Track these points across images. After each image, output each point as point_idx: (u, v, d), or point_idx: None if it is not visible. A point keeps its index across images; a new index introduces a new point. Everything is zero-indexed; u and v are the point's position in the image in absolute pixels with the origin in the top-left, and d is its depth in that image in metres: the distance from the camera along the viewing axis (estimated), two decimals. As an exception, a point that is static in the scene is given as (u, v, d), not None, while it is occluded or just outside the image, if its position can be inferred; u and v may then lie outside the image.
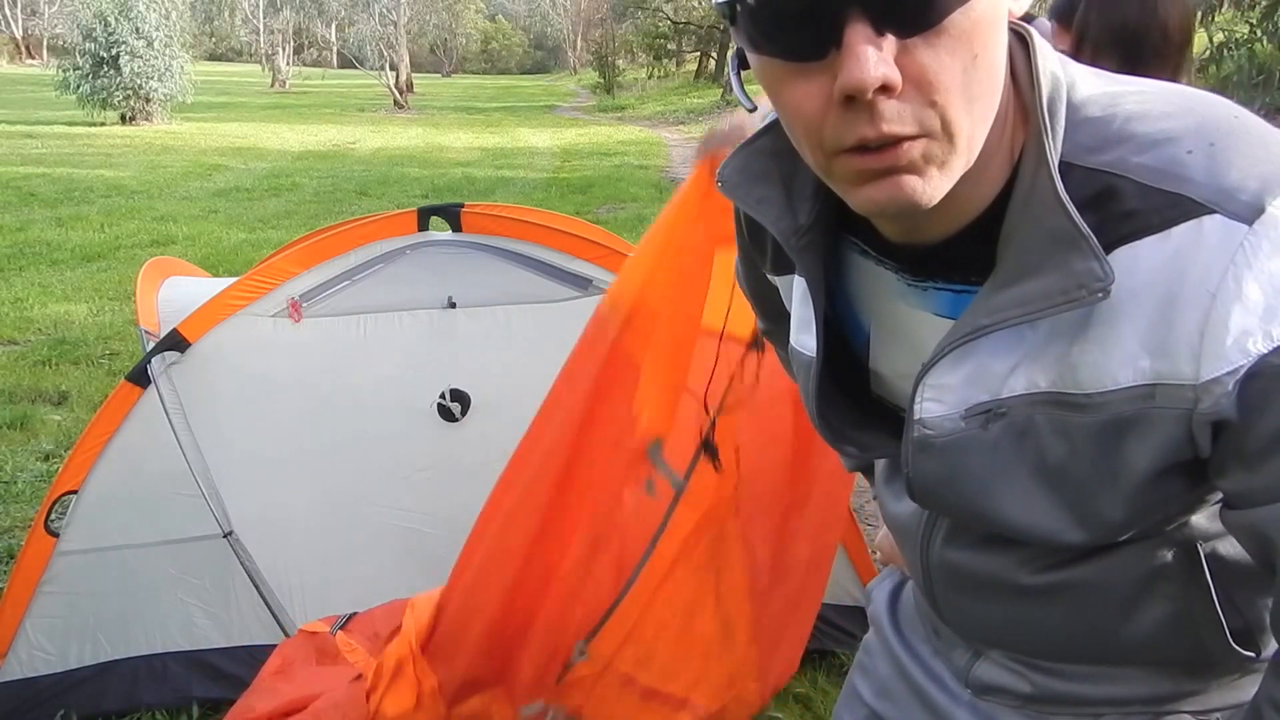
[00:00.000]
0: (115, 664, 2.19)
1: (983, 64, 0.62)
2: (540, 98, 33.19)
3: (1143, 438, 0.67)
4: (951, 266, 0.73)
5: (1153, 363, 0.65)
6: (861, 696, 1.07)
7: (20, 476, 3.47)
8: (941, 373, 0.72)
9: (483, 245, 2.31)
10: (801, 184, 0.77)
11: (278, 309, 2.24)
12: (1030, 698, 0.89)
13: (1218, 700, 0.84)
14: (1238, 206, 0.62)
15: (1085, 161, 0.66)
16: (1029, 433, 0.71)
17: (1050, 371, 0.69)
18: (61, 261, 7.10)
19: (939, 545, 0.86)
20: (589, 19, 40.94)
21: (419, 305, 2.30)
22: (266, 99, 28.93)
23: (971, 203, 0.70)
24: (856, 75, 0.59)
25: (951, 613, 0.90)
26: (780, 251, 0.87)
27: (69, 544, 2.15)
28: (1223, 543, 0.78)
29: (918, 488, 0.78)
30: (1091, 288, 0.63)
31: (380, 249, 2.28)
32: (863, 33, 0.59)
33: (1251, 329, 0.61)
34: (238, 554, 2.16)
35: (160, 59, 17.99)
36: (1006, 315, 0.67)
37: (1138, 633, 0.80)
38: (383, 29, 29.58)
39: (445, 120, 21.61)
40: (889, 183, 0.64)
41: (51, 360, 4.79)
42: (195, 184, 11.20)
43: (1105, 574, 0.78)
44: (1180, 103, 0.68)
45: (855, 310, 0.83)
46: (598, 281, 2.33)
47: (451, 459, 2.29)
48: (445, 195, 9.95)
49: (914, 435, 0.75)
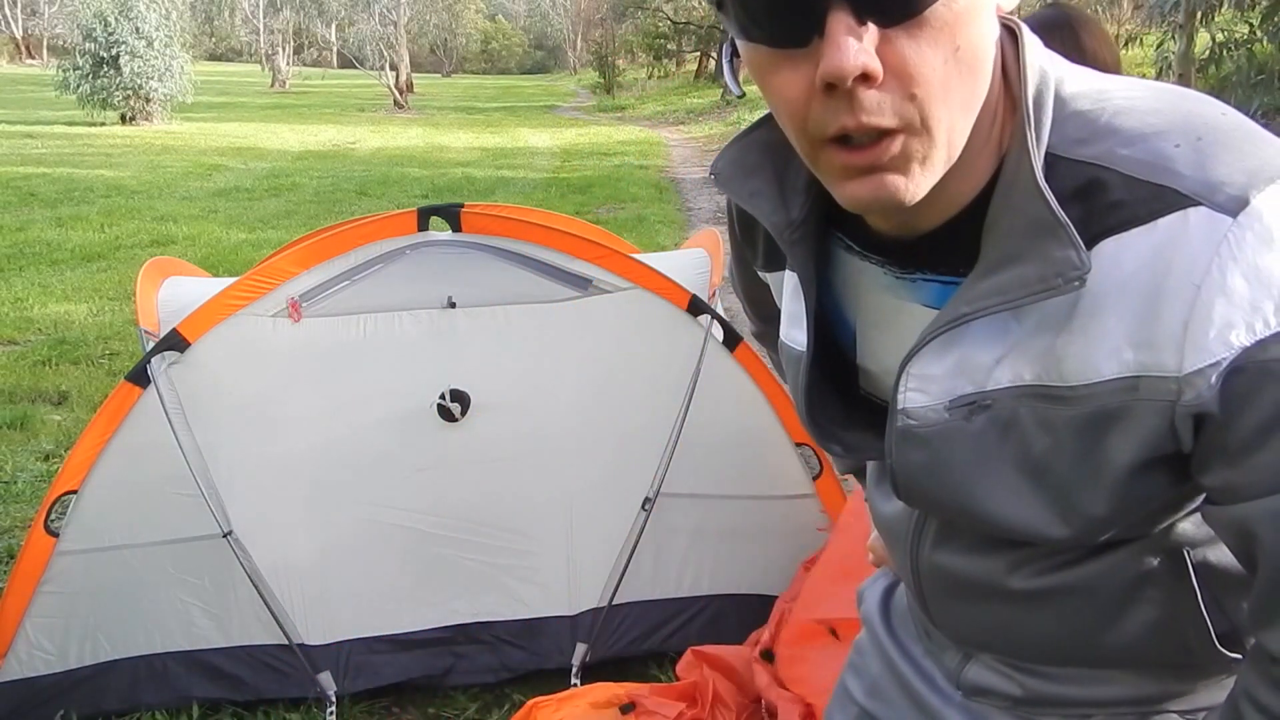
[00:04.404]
0: (115, 664, 2.19)
1: (965, 56, 0.63)
2: (540, 98, 33.18)
3: (1126, 431, 0.67)
4: (939, 257, 0.74)
5: (1136, 354, 0.65)
6: (853, 696, 1.07)
7: (20, 476, 3.48)
8: (925, 363, 0.73)
9: (483, 245, 2.31)
10: (794, 178, 0.78)
11: (278, 309, 2.25)
12: (1020, 699, 0.89)
13: (1204, 700, 0.84)
14: (1223, 199, 0.62)
15: (1072, 154, 0.67)
16: (1013, 425, 0.71)
17: (1035, 364, 0.69)
18: (61, 261, 7.10)
19: (928, 549, 0.86)
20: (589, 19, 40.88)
21: (419, 305, 2.30)
22: (266, 99, 28.92)
23: (960, 194, 0.70)
24: (836, 63, 0.59)
25: (941, 616, 0.90)
26: (772, 246, 0.87)
27: (69, 544, 2.15)
28: (1211, 549, 0.78)
29: (901, 480, 0.78)
30: (1068, 276, 0.64)
31: (380, 249, 2.28)
32: (844, 21, 0.60)
33: (1235, 321, 0.62)
34: (237, 554, 2.16)
35: (160, 59, 17.99)
36: (987, 303, 0.67)
37: (1125, 636, 0.80)
38: (383, 29, 29.55)
39: (445, 120, 21.61)
40: (872, 180, 0.64)
41: (51, 360, 4.79)
42: (195, 184, 11.20)
43: (1093, 579, 0.79)
44: (1168, 99, 0.69)
45: (842, 307, 0.84)
46: (598, 281, 2.33)
47: (451, 459, 2.29)
48: (445, 195, 9.95)
49: (898, 425, 0.75)
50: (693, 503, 2.35)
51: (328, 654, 2.22)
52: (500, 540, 2.31)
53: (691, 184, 10.95)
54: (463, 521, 2.30)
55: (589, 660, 2.27)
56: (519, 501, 2.32)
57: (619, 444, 2.34)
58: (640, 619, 2.33)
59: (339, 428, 2.27)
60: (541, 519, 2.32)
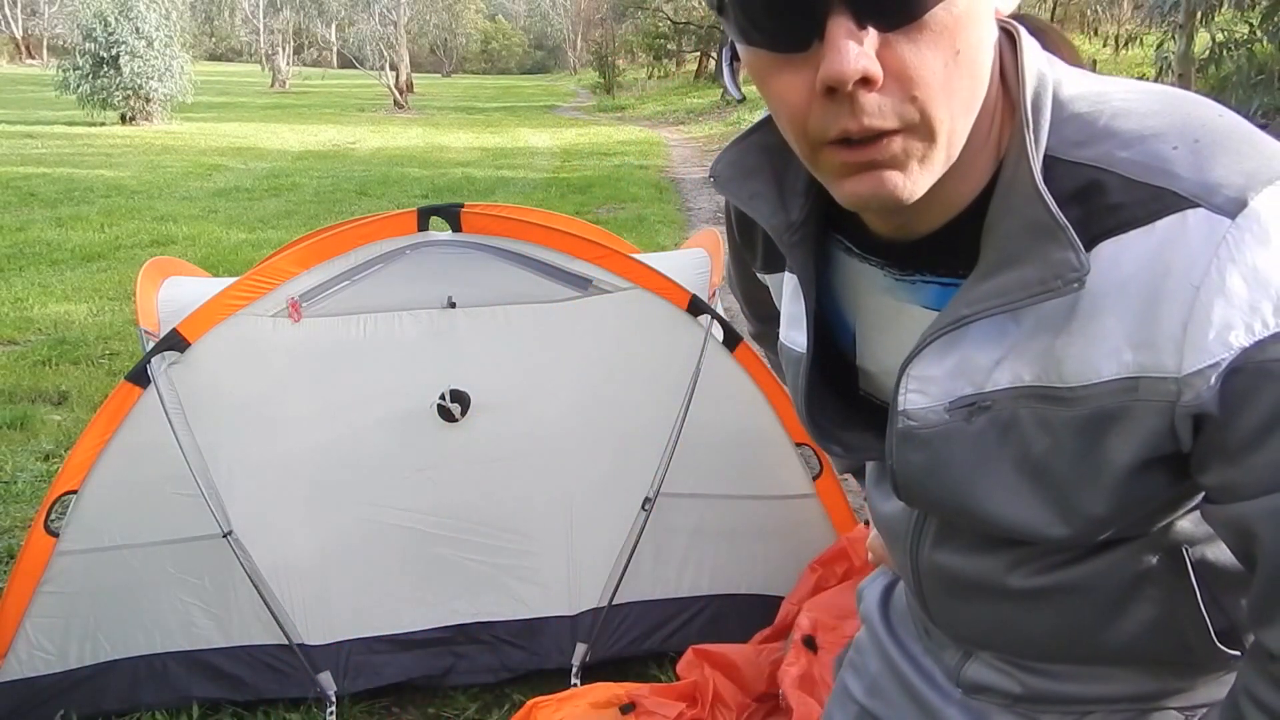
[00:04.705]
0: (115, 664, 2.19)
1: (965, 60, 0.63)
2: (540, 98, 33.19)
3: (1125, 431, 0.68)
4: (939, 259, 0.74)
5: (1136, 355, 0.65)
6: (853, 694, 1.07)
7: (20, 476, 3.48)
8: (925, 364, 0.73)
9: (483, 245, 2.31)
10: (793, 180, 0.78)
11: (278, 309, 2.25)
12: (1019, 697, 0.90)
13: (1204, 697, 0.85)
14: (1221, 201, 0.62)
15: (1071, 156, 0.67)
16: (1013, 426, 0.71)
17: (1035, 365, 0.69)
18: (61, 261, 7.10)
19: (928, 548, 0.86)
20: (589, 19, 40.88)
21: (419, 305, 2.30)
22: (266, 99, 28.92)
23: (958, 196, 0.71)
24: (836, 67, 0.60)
25: (941, 614, 0.90)
26: (771, 248, 0.87)
27: (69, 544, 2.15)
28: (1210, 547, 0.78)
29: (901, 481, 0.78)
30: (1067, 278, 0.64)
31: (380, 249, 2.28)
32: (844, 25, 0.60)
33: (1233, 322, 0.62)
34: (237, 554, 2.16)
35: (160, 59, 17.99)
36: (986, 305, 0.68)
37: (1124, 634, 0.81)
38: (383, 29, 29.56)
39: (445, 120, 21.61)
40: (871, 177, 0.65)
41: (51, 360, 4.79)
42: (195, 184, 11.19)
43: (1092, 578, 0.79)
44: (1166, 101, 0.69)
45: (842, 308, 0.84)
46: (598, 281, 2.33)
47: (451, 459, 2.29)
48: (445, 195, 9.95)
49: (898, 426, 0.75)
50: (693, 503, 2.35)
51: (328, 654, 2.22)
52: (500, 540, 2.31)
53: (691, 184, 10.95)
54: (463, 521, 2.30)
55: (589, 660, 2.27)
56: (519, 501, 2.32)
57: (619, 444, 2.34)
58: (640, 619, 2.33)
59: (339, 428, 2.27)
60: (541, 519, 2.32)
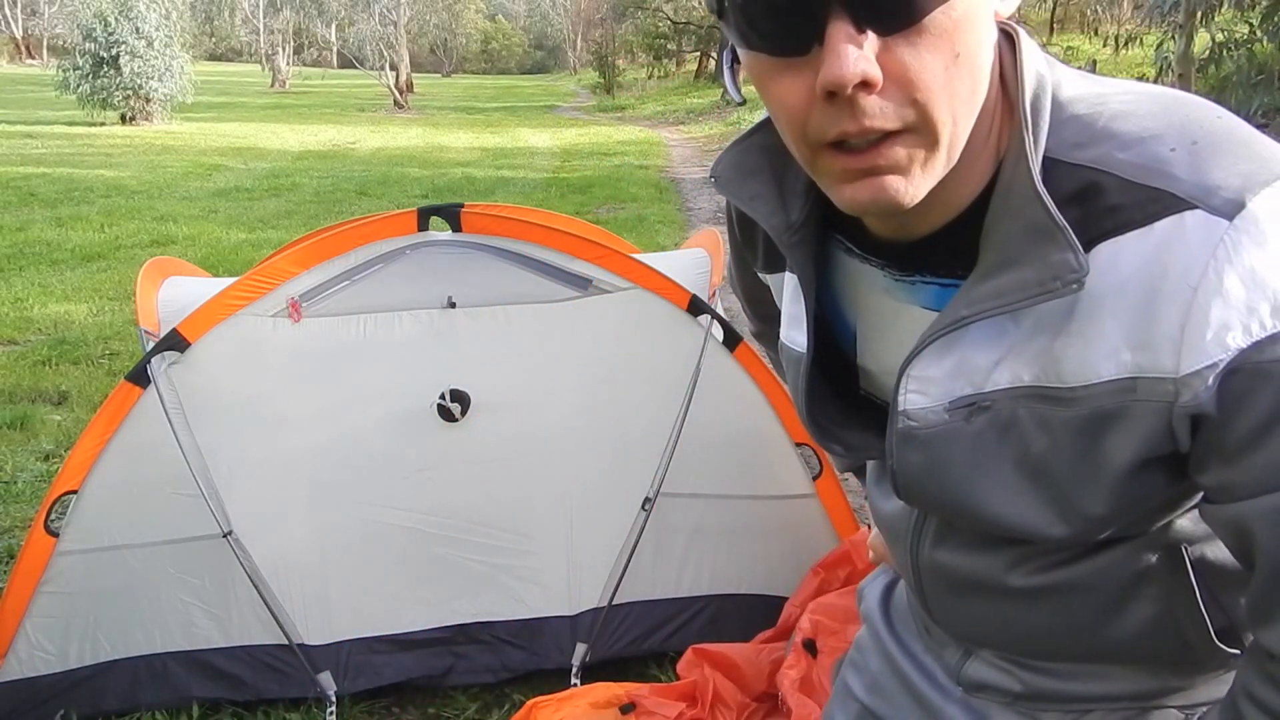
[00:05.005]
0: (115, 664, 2.19)
1: (964, 62, 0.63)
2: (540, 98, 33.19)
3: (1124, 431, 0.68)
4: (938, 259, 0.74)
5: (1134, 356, 0.65)
6: (854, 692, 1.07)
7: (20, 476, 3.48)
8: (925, 365, 0.73)
9: (483, 245, 2.31)
10: (794, 181, 0.78)
11: (278, 309, 2.25)
12: (1020, 695, 0.90)
13: (1203, 695, 0.85)
14: (1219, 202, 0.63)
15: (1070, 157, 0.67)
16: (1012, 426, 0.71)
17: (1034, 365, 0.69)
18: (61, 261, 7.10)
19: (928, 546, 0.87)
20: (589, 19, 40.87)
21: (419, 305, 2.30)
22: (266, 99, 28.92)
23: (958, 198, 0.71)
24: (836, 71, 0.60)
25: (941, 613, 0.90)
26: (772, 248, 0.88)
27: (69, 544, 2.16)
28: (1208, 546, 0.78)
29: (901, 481, 0.78)
30: (1066, 279, 0.64)
31: (380, 249, 2.28)
32: (844, 30, 0.60)
33: (1231, 323, 0.62)
34: (237, 554, 2.16)
35: (160, 59, 17.99)
36: (985, 306, 0.68)
37: (1124, 633, 0.81)
38: (383, 29, 29.56)
39: (445, 120, 21.60)
40: (872, 183, 0.65)
41: (51, 360, 4.79)
42: (195, 184, 11.19)
43: (1092, 576, 0.79)
44: (1165, 103, 0.69)
45: (842, 308, 0.84)
46: (598, 281, 2.33)
47: (451, 459, 2.29)
48: (445, 195, 9.95)
49: (898, 427, 0.75)
50: (693, 503, 2.35)
51: (328, 654, 2.22)
52: (500, 540, 2.31)
53: (691, 184, 10.95)
54: (463, 521, 2.31)
55: (589, 660, 2.27)
56: (519, 501, 2.32)
57: (619, 444, 2.34)
58: (640, 619, 2.33)
59: (339, 428, 2.27)
60: (541, 519, 2.32)
